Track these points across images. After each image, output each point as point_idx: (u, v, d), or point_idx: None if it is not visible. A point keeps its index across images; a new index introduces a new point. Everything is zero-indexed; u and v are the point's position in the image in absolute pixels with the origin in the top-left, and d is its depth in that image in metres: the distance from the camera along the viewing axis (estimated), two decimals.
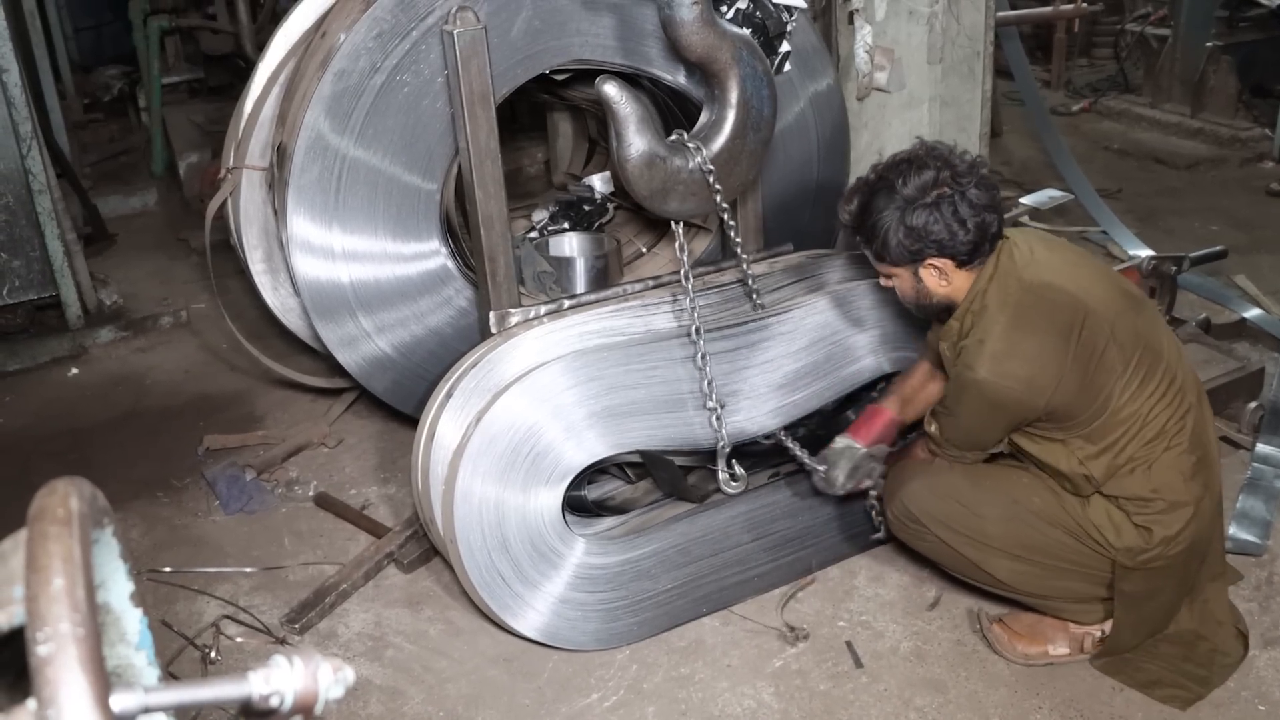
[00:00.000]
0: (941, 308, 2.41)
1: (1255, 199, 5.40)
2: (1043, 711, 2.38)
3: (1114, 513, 2.36)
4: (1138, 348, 2.30)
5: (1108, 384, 2.28)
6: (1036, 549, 2.41)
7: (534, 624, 2.58)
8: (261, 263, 3.60)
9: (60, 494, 0.79)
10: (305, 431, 3.60)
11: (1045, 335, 2.27)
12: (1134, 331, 2.31)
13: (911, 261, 2.33)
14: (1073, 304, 2.27)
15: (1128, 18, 7.31)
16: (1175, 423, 2.32)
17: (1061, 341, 2.25)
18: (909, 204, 2.26)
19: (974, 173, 2.29)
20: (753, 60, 2.77)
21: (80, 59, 8.15)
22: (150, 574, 2.96)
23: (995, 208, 2.30)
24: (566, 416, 2.55)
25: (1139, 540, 2.33)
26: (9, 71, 4.03)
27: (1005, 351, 2.26)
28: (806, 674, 2.53)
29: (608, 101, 2.60)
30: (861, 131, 3.49)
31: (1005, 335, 2.27)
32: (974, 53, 3.30)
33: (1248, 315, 3.91)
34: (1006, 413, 2.32)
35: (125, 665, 0.91)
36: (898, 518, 2.56)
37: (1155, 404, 2.31)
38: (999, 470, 2.50)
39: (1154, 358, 2.32)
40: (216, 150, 4.95)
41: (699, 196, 2.78)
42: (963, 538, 2.46)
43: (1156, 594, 2.39)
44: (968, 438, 2.44)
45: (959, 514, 2.45)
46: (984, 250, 2.31)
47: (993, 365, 2.26)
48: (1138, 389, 2.29)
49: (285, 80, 3.40)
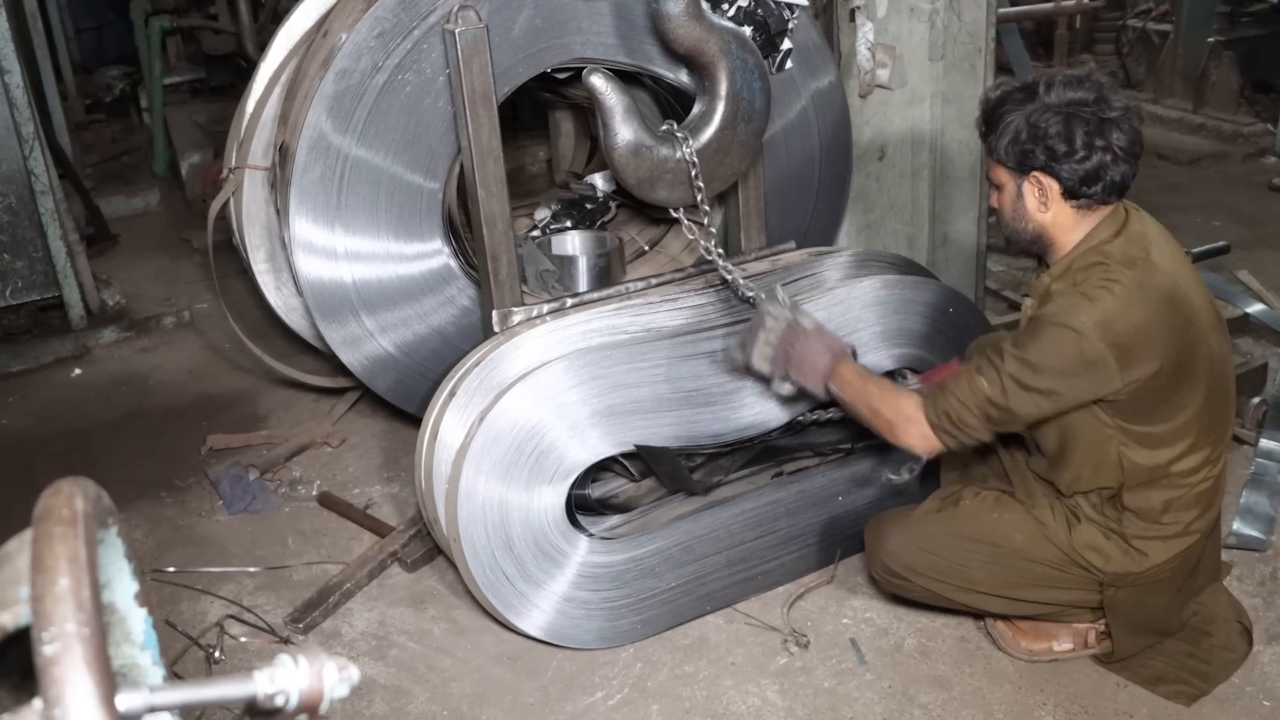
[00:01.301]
0: (1033, 239, 2.25)
1: (1257, 194, 5.40)
2: (1047, 708, 2.38)
3: (1101, 542, 2.31)
4: (1219, 371, 2.24)
5: (1183, 401, 2.19)
6: (1026, 584, 2.38)
7: (538, 623, 2.58)
8: (264, 262, 3.60)
9: (65, 494, 0.79)
10: (308, 431, 3.61)
11: (1159, 318, 2.12)
12: (1222, 354, 2.25)
13: (1020, 168, 2.19)
14: (1184, 298, 2.17)
15: (1129, 13, 7.30)
16: (1213, 460, 2.27)
17: (1170, 333, 2.12)
18: (1045, 108, 2.14)
19: (1126, 114, 2.14)
20: (743, 53, 2.79)
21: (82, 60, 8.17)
22: (154, 574, 2.96)
23: (1130, 155, 2.13)
24: (570, 415, 2.55)
25: (1129, 564, 2.29)
26: (11, 73, 4.03)
27: (1118, 312, 2.08)
28: (810, 671, 2.53)
29: (594, 92, 2.65)
30: (863, 129, 3.48)
31: (1123, 296, 2.09)
32: (975, 49, 3.29)
33: (1251, 311, 3.90)
34: (1084, 377, 2.12)
35: (130, 665, 0.91)
36: (881, 575, 2.53)
37: (1205, 441, 2.25)
38: (976, 515, 2.41)
39: (1224, 396, 2.27)
40: (218, 150, 4.96)
41: (686, 185, 2.82)
42: (950, 586, 2.44)
43: (1146, 604, 2.36)
44: (1016, 394, 2.15)
45: (942, 565, 2.41)
46: (1095, 191, 2.14)
47: (1102, 320, 2.07)
48: (1206, 427, 2.23)
49: (287, 80, 3.41)
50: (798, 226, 3.42)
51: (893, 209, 3.49)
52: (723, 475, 2.82)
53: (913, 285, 2.93)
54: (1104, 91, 2.15)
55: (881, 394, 2.36)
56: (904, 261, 3.18)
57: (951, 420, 2.22)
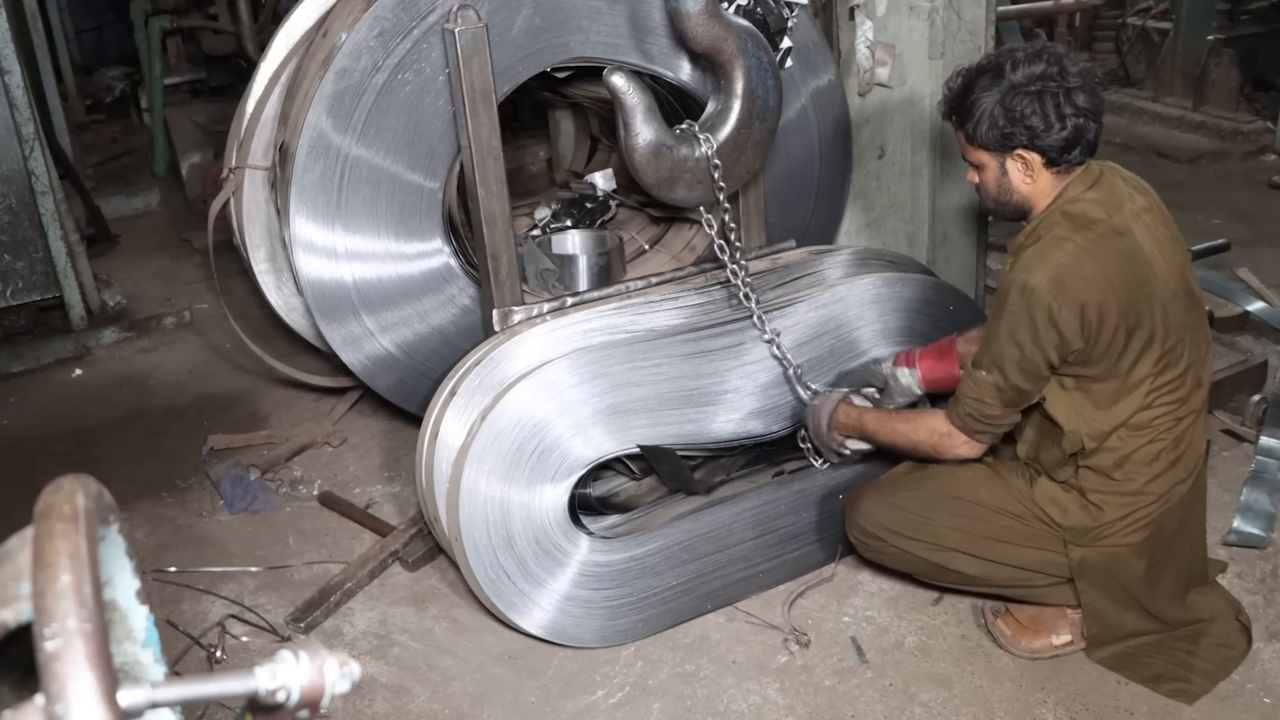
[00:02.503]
0: (1018, 207, 2.36)
1: (1257, 192, 5.40)
2: (1048, 705, 2.38)
3: (1059, 495, 2.39)
4: (1176, 337, 2.28)
5: (1138, 352, 2.25)
6: (991, 538, 2.44)
7: (539, 621, 2.58)
8: (265, 262, 3.60)
9: (66, 491, 0.79)
10: (309, 431, 3.61)
11: (1112, 275, 2.20)
12: (1181, 322, 2.30)
13: (1001, 149, 2.28)
14: (1144, 261, 2.25)
15: (1129, 11, 7.30)
16: (1169, 419, 2.32)
17: (1125, 291, 2.21)
18: (1013, 89, 2.23)
19: (1084, 77, 2.24)
20: (758, 51, 2.78)
21: (82, 60, 8.17)
22: (155, 574, 2.96)
23: (1097, 115, 2.25)
24: (572, 414, 2.55)
25: (1086, 519, 2.36)
26: (11, 73, 4.03)
27: (1071, 269, 2.19)
28: (811, 670, 2.53)
29: (615, 91, 2.62)
30: (863, 127, 3.48)
31: (1074, 253, 2.21)
32: (975, 48, 3.29)
33: (1250, 308, 3.90)
34: (1049, 330, 2.21)
35: (132, 662, 0.91)
36: (857, 539, 2.60)
37: (1163, 395, 2.30)
38: (942, 473, 2.50)
39: (1185, 356, 2.31)
40: (218, 150, 4.96)
41: (705, 185, 2.80)
42: (920, 543, 2.49)
43: (1117, 572, 2.39)
44: (1008, 368, 2.27)
45: (911, 521, 2.49)
46: (1074, 156, 2.26)
47: (1054, 275, 2.19)
48: (1158, 374, 2.28)
49: (287, 80, 3.41)
50: (798, 225, 3.43)
51: (892, 207, 3.49)
52: (724, 475, 2.83)
53: (913, 283, 2.94)
54: (1062, 61, 2.25)
55: (909, 427, 2.52)
56: (904, 259, 3.18)
57: (977, 418, 2.36)
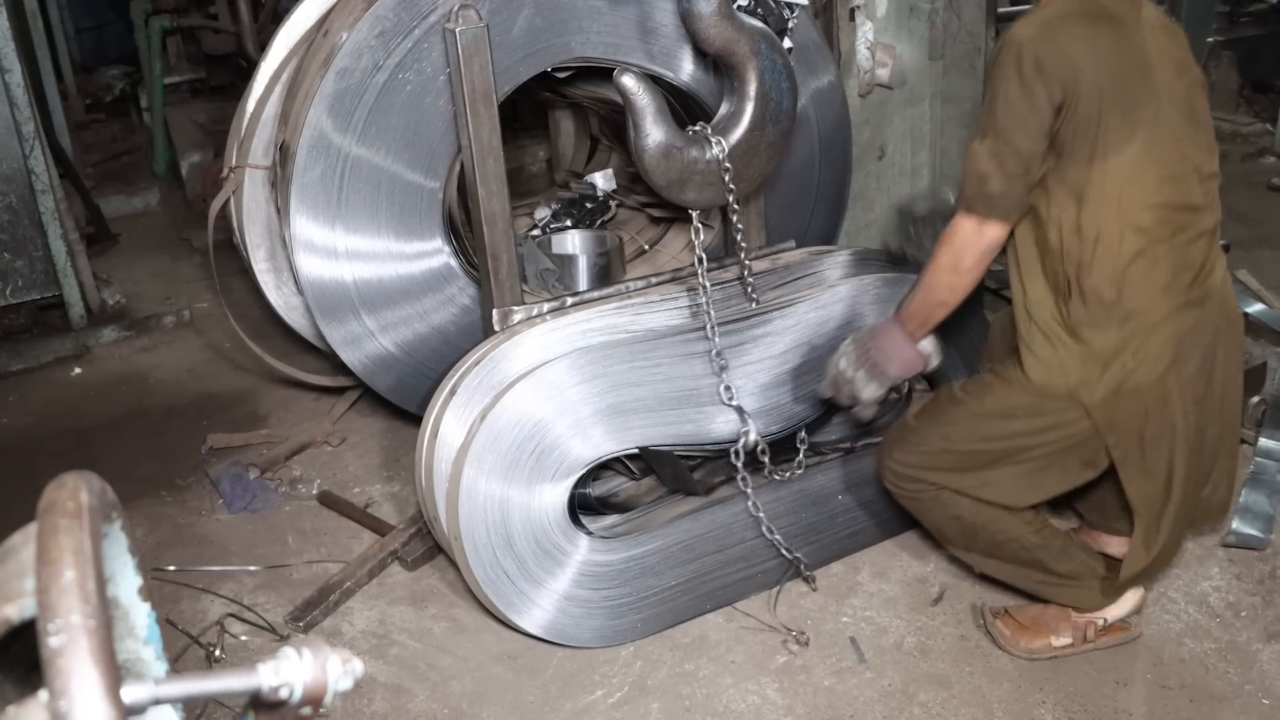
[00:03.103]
0: None
1: (1257, 194, 5.40)
2: (1046, 706, 2.39)
3: (1050, 354, 2.27)
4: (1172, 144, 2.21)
5: (1124, 138, 2.17)
6: (1015, 447, 2.35)
7: (538, 621, 2.58)
8: (264, 262, 3.60)
9: (70, 488, 0.79)
10: (309, 430, 3.61)
11: (1104, 47, 2.17)
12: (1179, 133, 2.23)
13: None
14: (1144, 58, 2.21)
15: None
16: (1167, 230, 2.20)
17: (1114, 61, 2.17)
18: None
19: None
20: (772, 53, 2.78)
21: (82, 59, 8.18)
22: (154, 573, 2.96)
23: None
24: (572, 413, 2.56)
25: (1087, 363, 2.24)
26: (11, 72, 4.04)
27: (1060, 25, 2.16)
28: (810, 670, 2.53)
29: (626, 92, 2.61)
30: (863, 128, 3.49)
31: (1069, 17, 2.18)
32: (975, 49, 3.30)
33: (1250, 310, 3.90)
34: (1032, 81, 2.13)
35: (134, 659, 0.91)
36: (894, 486, 2.52)
37: (1156, 201, 2.19)
38: (948, 398, 2.46)
39: (1184, 167, 2.22)
40: (219, 150, 4.96)
41: (716, 187, 2.78)
42: (949, 474, 2.42)
43: (1147, 430, 2.27)
44: (1005, 121, 2.17)
45: (934, 452, 2.42)
46: None
47: (1041, 26, 2.16)
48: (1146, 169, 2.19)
49: (287, 79, 3.41)
50: (798, 225, 3.43)
51: (893, 208, 3.49)
52: (723, 475, 2.83)
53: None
54: None
55: (923, 274, 2.39)
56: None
57: (979, 198, 2.22)
